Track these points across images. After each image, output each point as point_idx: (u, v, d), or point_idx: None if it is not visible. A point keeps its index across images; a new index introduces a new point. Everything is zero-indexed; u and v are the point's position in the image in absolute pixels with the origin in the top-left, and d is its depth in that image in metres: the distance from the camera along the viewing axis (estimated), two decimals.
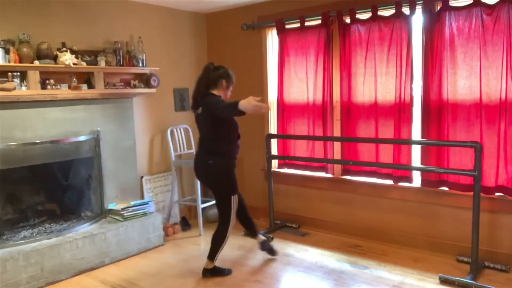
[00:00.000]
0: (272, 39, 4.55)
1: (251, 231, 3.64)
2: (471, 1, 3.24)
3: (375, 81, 3.79)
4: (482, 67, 3.24)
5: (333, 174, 4.20)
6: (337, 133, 4.09)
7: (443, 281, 3.11)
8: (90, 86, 3.76)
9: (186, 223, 4.52)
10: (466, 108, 3.35)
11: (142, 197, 4.37)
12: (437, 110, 3.49)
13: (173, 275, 3.40)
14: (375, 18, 3.69)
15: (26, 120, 3.42)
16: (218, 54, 4.94)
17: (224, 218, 3.25)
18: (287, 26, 4.24)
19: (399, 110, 3.66)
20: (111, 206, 3.97)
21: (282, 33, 4.27)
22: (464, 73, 3.33)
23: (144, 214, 3.97)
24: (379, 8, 3.66)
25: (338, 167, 4.15)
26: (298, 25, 4.15)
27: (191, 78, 4.87)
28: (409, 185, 3.74)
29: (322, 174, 4.27)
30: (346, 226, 4.15)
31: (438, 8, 3.42)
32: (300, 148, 4.33)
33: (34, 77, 3.34)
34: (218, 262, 3.34)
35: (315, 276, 3.32)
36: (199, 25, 4.96)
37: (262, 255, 3.70)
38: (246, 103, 2.78)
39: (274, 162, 4.55)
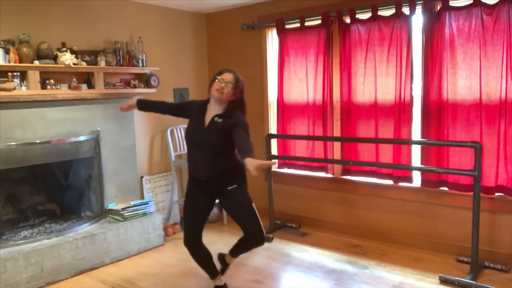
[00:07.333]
0: (272, 39, 4.55)
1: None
2: (471, 1, 3.24)
3: (375, 81, 3.79)
4: (482, 67, 3.24)
5: (333, 174, 4.20)
6: (337, 133, 4.09)
7: (443, 281, 3.11)
8: (90, 86, 3.77)
9: None
10: (466, 108, 3.35)
11: (142, 197, 4.37)
12: (437, 110, 3.49)
13: (173, 275, 3.40)
14: (375, 18, 3.69)
15: (26, 120, 3.42)
16: (218, 54, 4.94)
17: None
18: (287, 26, 4.24)
19: (399, 110, 3.66)
20: (111, 206, 3.97)
21: (282, 33, 4.27)
22: (464, 73, 3.33)
23: (144, 214, 3.97)
24: (379, 8, 3.66)
25: (338, 167, 4.15)
26: (298, 25, 4.15)
27: (191, 78, 4.89)
28: (409, 185, 3.74)
29: (322, 174, 4.27)
30: (346, 226, 4.15)
31: (438, 8, 3.42)
32: (300, 148, 4.33)
33: (34, 77, 3.34)
34: None
35: (315, 276, 3.32)
36: (199, 25, 4.96)
37: (262, 255, 3.70)
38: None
39: None
